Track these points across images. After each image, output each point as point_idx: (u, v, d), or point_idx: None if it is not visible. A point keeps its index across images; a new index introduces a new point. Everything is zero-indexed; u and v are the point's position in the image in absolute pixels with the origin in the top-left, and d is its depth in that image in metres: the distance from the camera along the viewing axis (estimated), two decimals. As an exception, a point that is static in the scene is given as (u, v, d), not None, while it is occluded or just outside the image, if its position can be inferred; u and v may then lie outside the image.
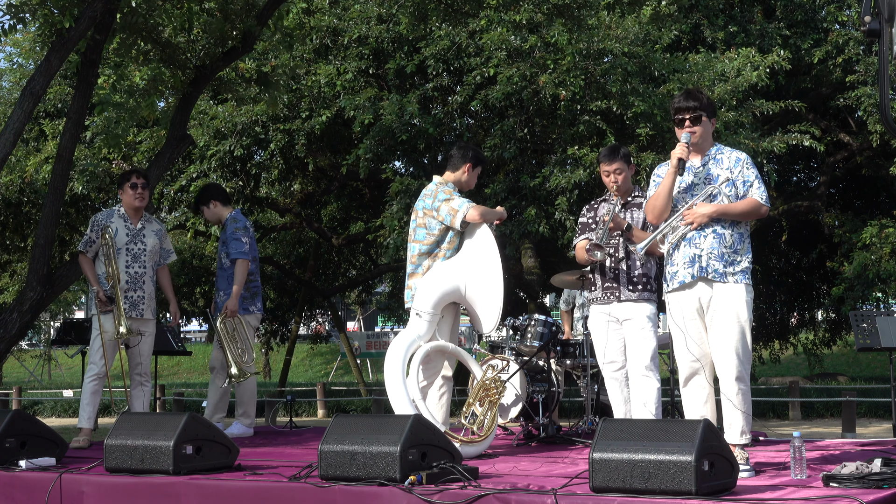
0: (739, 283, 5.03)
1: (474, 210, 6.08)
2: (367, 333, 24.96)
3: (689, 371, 5.11)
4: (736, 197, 5.08)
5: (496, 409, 6.02)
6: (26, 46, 14.14)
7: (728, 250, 5.04)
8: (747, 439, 4.98)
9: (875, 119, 12.61)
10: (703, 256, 5.04)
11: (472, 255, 6.08)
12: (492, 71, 10.90)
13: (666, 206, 5.14)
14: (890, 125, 4.53)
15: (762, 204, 5.08)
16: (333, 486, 4.57)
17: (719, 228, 5.06)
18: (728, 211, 5.05)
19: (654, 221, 5.26)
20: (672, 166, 5.08)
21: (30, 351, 34.45)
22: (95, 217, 7.19)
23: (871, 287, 12.94)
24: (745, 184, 5.09)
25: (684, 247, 5.11)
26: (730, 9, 14.09)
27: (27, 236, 13.46)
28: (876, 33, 4.23)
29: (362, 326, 36.20)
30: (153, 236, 7.19)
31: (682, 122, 5.14)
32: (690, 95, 5.18)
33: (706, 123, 5.15)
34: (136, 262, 7.07)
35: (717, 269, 5.02)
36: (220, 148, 12.17)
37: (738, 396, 4.95)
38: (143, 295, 7.09)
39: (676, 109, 5.18)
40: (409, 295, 6.20)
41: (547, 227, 10.89)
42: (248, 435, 7.58)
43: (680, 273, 5.10)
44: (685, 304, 5.09)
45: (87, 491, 5.06)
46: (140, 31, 8.35)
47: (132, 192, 7.12)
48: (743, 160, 5.14)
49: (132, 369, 7.16)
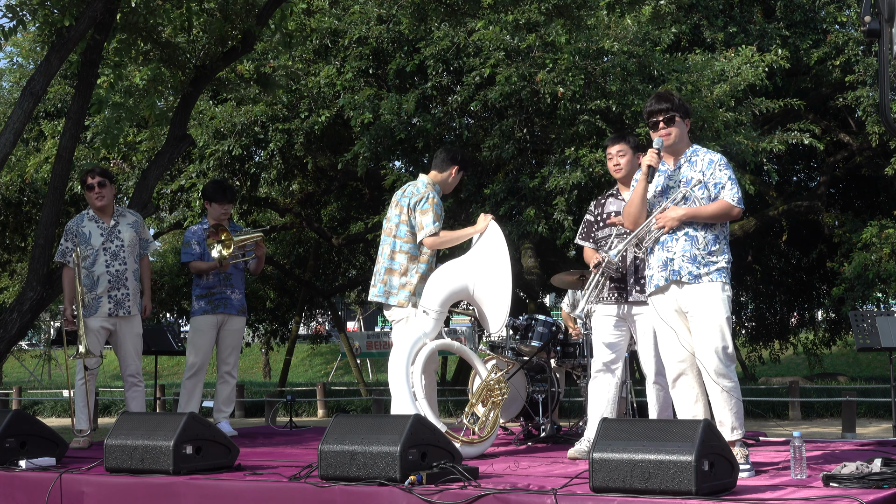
0: (714, 282, 5.01)
1: (430, 239, 6.10)
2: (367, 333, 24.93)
3: (676, 371, 5.13)
4: (708, 199, 5.06)
5: (499, 410, 6.02)
6: (26, 46, 14.16)
7: (701, 252, 5.03)
8: (739, 435, 4.98)
9: (874, 119, 12.62)
10: (676, 259, 5.04)
11: (482, 254, 6.05)
12: (488, 71, 10.91)
13: (640, 212, 5.15)
14: (890, 125, 4.53)
15: (734, 205, 5.05)
16: (333, 486, 4.57)
17: (691, 231, 5.05)
18: (698, 213, 5.04)
19: (630, 227, 5.27)
20: (642, 173, 5.12)
21: (30, 351, 34.43)
22: (68, 225, 7.07)
23: (871, 287, 12.95)
24: (716, 185, 5.07)
25: (658, 250, 5.13)
26: (729, 9, 14.10)
27: (27, 236, 13.47)
28: (876, 33, 4.23)
29: (362, 326, 36.19)
30: (129, 230, 7.10)
31: (657, 125, 5.14)
32: (662, 98, 5.17)
33: (680, 124, 5.15)
34: (115, 260, 6.98)
35: (690, 272, 5.01)
36: (219, 148, 12.18)
37: (722, 394, 4.96)
38: (127, 292, 7.00)
39: (649, 112, 5.17)
40: (382, 290, 6.18)
41: (546, 228, 10.90)
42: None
43: (655, 277, 5.13)
44: (663, 307, 5.12)
45: (87, 491, 5.06)
46: (140, 31, 8.35)
47: (90, 193, 7.02)
48: (716, 161, 5.12)
49: (123, 371, 7.12)
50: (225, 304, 7.46)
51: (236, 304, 7.50)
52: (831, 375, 20.50)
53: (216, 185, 7.77)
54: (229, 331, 7.51)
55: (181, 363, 31.92)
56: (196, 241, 7.44)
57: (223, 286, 7.43)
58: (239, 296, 7.53)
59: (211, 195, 7.55)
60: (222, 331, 7.49)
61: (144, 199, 8.62)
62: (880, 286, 12.99)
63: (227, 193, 7.61)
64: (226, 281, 7.45)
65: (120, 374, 7.30)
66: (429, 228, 6.09)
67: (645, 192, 5.13)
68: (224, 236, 7.27)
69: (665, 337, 5.15)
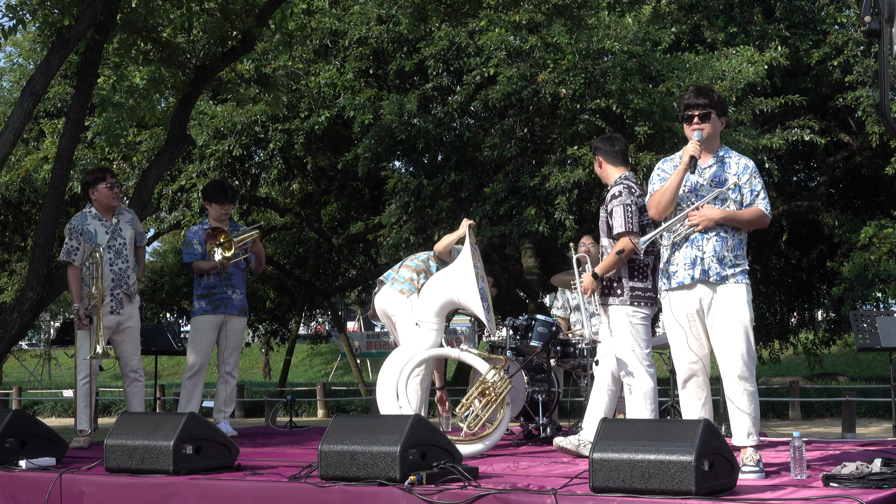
0: (740, 283, 5.00)
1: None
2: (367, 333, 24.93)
3: (688, 372, 5.07)
4: (741, 204, 5.04)
5: (502, 409, 5.97)
6: (26, 46, 14.17)
7: (729, 254, 5.01)
8: (755, 441, 4.91)
9: (874, 119, 12.62)
10: (706, 259, 5.00)
11: (459, 262, 6.11)
12: (491, 71, 10.91)
13: (671, 202, 5.07)
14: (890, 125, 4.53)
15: (766, 215, 5.05)
16: (333, 486, 4.57)
17: (722, 233, 5.02)
18: (736, 218, 5.01)
19: (656, 217, 5.17)
20: (683, 163, 5.01)
21: (30, 351, 34.46)
22: (71, 224, 7.02)
23: (870, 287, 12.94)
24: (751, 192, 5.04)
25: (686, 248, 5.06)
26: (730, 9, 14.11)
27: (27, 236, 13.47)
28: (876, 33, 4.23)
29: (362, 326, 36.17)
30: (129, 227, 7.12)
31: (691, 119, 5.06)
32: (701, 92, 5.10)
33: (715, 121, 5.07)
34: (119, 258, 6.99)
35: (718, 272, 4.99)
36: (219, 148, 12.18)
37: (743, 397, 4.91)
38: (128, 290, 7.03)
39: (686, 105, 5.09)
40: (391, 276, 6.68)
41: (547, 227, 10.89)
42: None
43: (679, 273, 5.06)
44: (680, 306, 5.07)
45: (87, 491, 5.06)
46: (140, 31, 8.35)
47: (109, 191, 7.01)
48: (751, 168, 5.08)
49: (123, 367, 7.12)
50: (226, 305, 7.45)
51: (237, 305, 7.50)
52: (831, 375, 20.52)
53: (216, 185, 7.76)
54: (230, 331, 7.51)
55: (181, 363, 31.91)
56: (197, 240, 7.45)
57: (224, 286, 7.43)
58: (240, 296, 7.52)
59: (211, 195, 7.55)
60: (223, 331, 7.48)
61: (144, 199, 8.62)
62: (880, 286, 12.98)
63: (227, 194, 7.60)
64: (227, 281, 7.45)
65: (119, 374, 7.29)
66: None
67: (681, 184, 5.05)
68: (223, 238, 7.27)
69: (676, 337, 5.10)
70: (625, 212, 5.61)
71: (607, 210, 5.73)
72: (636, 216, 5.64)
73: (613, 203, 5.67)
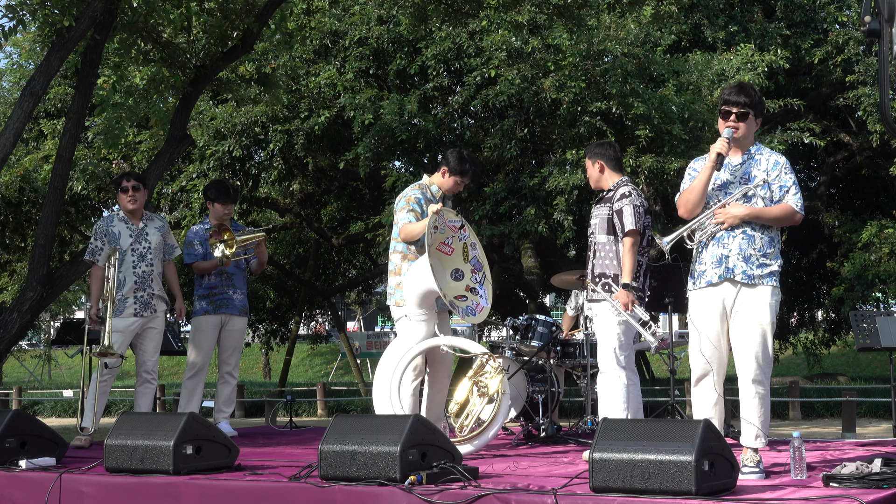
0: (766, 286, 4.93)
1: (402, 233, 6.22)
2: (368, 333, 24.92)
3: (701, 372, 5.03)
4: (770, 200, 4.96)
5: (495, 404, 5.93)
6: (26, 46, 14.15)
7: (756, 253, 4.93)
8: (762, 443, 4.90)
9: (875, 119, 12.61)
10: (731, 257, 4.93)
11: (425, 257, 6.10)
12: (492, 73, 10.91)
13: (700, 200, 5.01)
14: (890, 125, 4.53)
15: (797, 211, 4.96)
16: (333, 486, 4.57)
17: (749, 230, 4.94)
18: (761, 215, 4.93)
19: (685, 215, 5.11)
20: (710, 160, 4.95)
21: (30, 351, 34.42)
22: (97, 224, 7.18)
23: (870, 287, 12.94)
24: (781, 188, 4.97)
25: (713, 246, 5.00)
26: (730, 9, 14.11)
27: (27, 236, 13.46)
28: (876, 33, 4.22)
29: (362, 326, 36.17)
30: (156, 233, 7.17)
31: (728, 115, 4.98)
32: (742, 90, 5.00)
33: (751, 121, 5.01)
34: (142, 262, 7.05)
35: (745, 271, 4.91)
36: (220, 148, 12.18)
37: (754, 400, 4.88)
38: (152, 293, 7.08)
39: (725, 101, 5.00)
40: (386, 292, 6.42)
41: (546, 227, 10.89)
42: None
43: (708, 273, 5.00)
44: (709, 304, 5.00)
45: (87, 491, 5.06)
46: (140, 31, 8.36)
47: (124, 196, 7.09)
48: (782, 164, 5.01)
49: (139, 367, 7.16)
50: (227, 305, 7.46)
51: (238, 305, 7.51)
52: (831, 375, 20.49)
53: (219, 185, 7.78)
54: (231, 331, 7.51)
55: (181, 363, 31.90)
56: (198, 241, 7.45)
57: (225, 286, 7.44)
58: (241, 296, 7.53)
59: (214, 196, 7.56)
60: (224, 331, 7.49)
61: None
62: (880, 286, 12.98)
63: (229, 194, 7.62)
64: (228, 281, 7.46)
65: (123, 375, 7.31)
66: (402, 223, 6.23)
67: (709, 181, 4.99)
68: (227, 236, 7.28)
69: (693, 337, 5.07)
70: (634, 211, 5.83)
71: (614, 208, 5.90)
72: (642, 218, 5.88)
73: (623, 202, 5.88)
